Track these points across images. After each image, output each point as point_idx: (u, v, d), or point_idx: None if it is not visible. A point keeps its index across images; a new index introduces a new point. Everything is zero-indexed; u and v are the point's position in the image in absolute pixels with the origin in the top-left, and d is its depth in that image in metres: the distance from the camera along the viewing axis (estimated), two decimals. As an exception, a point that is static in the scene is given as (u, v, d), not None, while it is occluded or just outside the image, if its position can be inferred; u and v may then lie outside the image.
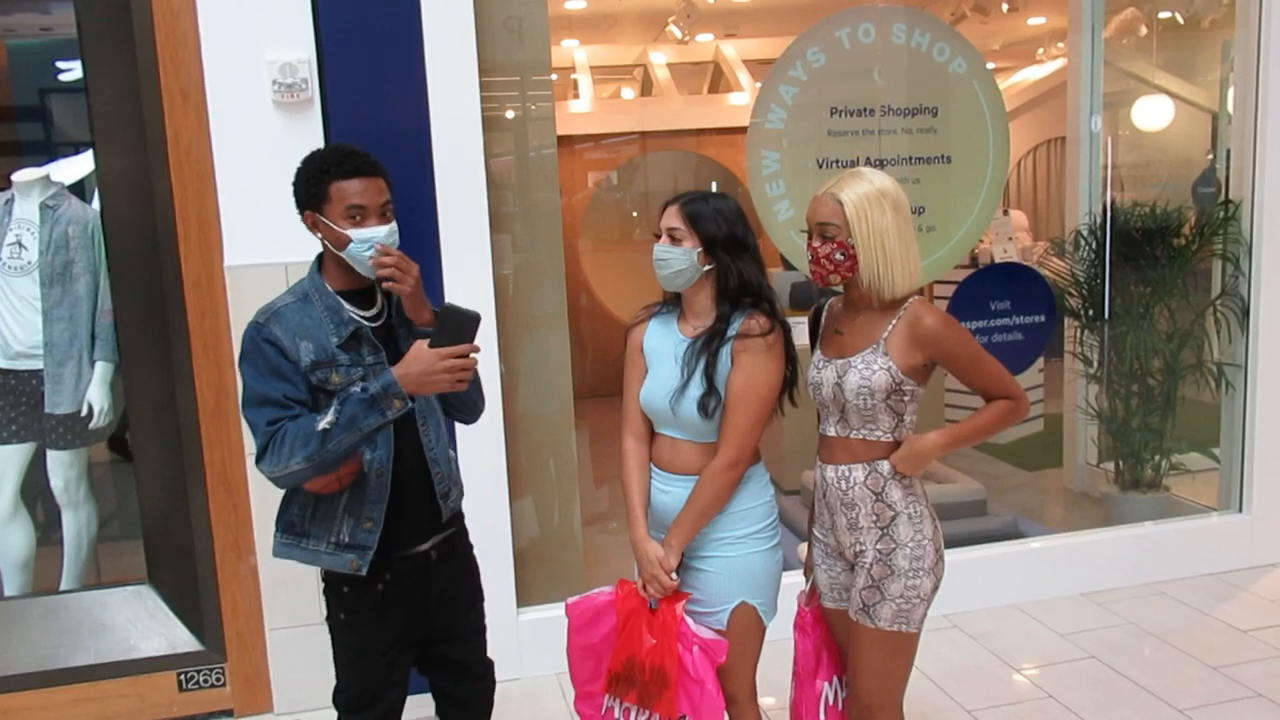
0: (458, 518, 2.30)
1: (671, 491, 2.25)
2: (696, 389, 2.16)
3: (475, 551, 2.36)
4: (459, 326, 1.95)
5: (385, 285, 2.05)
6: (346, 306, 2.08)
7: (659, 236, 2.20)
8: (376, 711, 2.21)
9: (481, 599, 2.38)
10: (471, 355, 1.97)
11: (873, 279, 2.08)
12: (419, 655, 2.30)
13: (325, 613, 2.22)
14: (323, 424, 1.93)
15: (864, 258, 2.07)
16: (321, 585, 2.22)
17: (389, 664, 2.20)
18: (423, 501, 2.17)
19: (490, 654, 2.41)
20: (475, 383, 2.22)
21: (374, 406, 1.93)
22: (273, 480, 2.00)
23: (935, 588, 2.16)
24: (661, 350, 2.25)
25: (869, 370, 2.10)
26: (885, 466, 2.14)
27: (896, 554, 2.12)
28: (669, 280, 2.20)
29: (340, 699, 2.23)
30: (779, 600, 2.30)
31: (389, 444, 2.10)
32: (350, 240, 2.02)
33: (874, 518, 2.14)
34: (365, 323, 2.09)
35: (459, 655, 2.33)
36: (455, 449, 2.34)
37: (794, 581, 2.42)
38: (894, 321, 2.11)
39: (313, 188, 2.05)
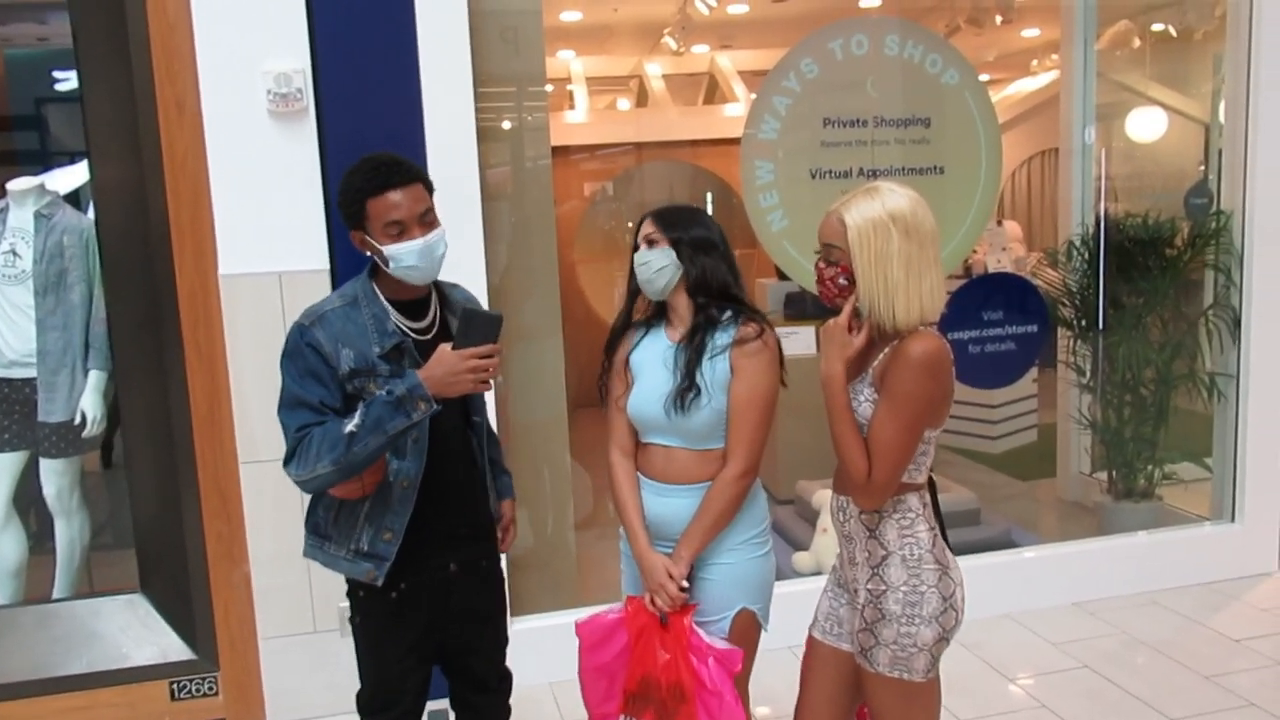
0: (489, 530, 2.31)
1: (667, 502, 2.23)
2: (684, 385, 2.15)
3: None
4: (481, 328, 1.97)
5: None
6: (393, 316, 2.07)
7: (635, 251, 2.25)
8: (391, 716, 2.22)
9: (504, 614, 2.37)
10: (494, 356, 1.97)
11: (873, 307, 1.91)
12: (441, 664, 2.30)
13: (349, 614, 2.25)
14: (349, 427, 1.93)
15: (863, 285, 1.90)
16: (345, 591, 2.25)
17: (404, 671, 2.20)
18: (469, 511, 2.18)
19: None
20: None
21: (399, 408, 1.93)
22: (299, 484, 2.00)
23: (942, 639, 1.96)
24: (648, 359, 2.26)
25: (857, 401, 1.97)
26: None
27: (887, 596, 1.95)
28: (651, 283, 2.21)
29: (359, 699, 2.26)
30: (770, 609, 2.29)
31: (420, 457, 2.08)
32: (388, 259, 2.00)
33: (866, 554, 2.00)
34: (411, 334, 2.08)
35: (478, 668, 2.33)
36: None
37: (785, 591, 2.42)
38: (887, 350, 1.95)
39: (351, 209, 2.02)
